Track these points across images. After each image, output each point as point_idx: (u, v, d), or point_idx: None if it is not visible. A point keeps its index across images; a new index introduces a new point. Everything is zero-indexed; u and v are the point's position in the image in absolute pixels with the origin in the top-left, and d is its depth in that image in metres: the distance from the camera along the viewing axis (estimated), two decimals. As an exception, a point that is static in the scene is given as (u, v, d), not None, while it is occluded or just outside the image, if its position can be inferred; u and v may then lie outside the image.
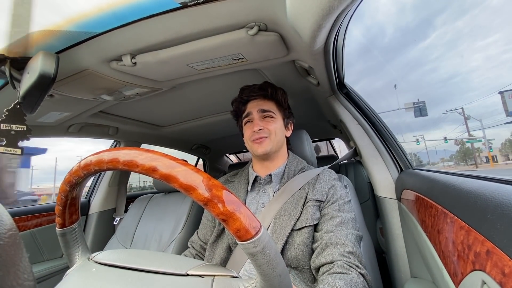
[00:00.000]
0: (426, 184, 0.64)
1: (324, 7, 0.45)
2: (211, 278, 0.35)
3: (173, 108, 1.30)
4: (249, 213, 0.30)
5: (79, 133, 1.27)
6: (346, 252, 0.59)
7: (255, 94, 0.83)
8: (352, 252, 0.59)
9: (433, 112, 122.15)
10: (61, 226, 0.42)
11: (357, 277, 0.54)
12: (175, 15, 0.59)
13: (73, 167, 0.37)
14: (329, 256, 0.59)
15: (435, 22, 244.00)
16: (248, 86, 0.85)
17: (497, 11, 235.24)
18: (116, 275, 0.37)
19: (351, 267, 0.56)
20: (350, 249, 0.60)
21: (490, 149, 15.31)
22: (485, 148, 14.94)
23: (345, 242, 0.61)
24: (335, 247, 0.60)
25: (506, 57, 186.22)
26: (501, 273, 0.30)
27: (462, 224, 0.41)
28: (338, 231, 0.64)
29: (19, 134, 0.67)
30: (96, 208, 1.61)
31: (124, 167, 0.32)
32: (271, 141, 0.79)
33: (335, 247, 0.60)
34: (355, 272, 0.55)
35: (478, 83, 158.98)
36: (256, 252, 0.29)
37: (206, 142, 2.18)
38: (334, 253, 0.59)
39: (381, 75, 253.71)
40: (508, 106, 11.57)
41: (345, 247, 0.60)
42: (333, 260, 0.58)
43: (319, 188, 0.74)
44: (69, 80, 0.78)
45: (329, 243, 0.62)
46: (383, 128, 1.01)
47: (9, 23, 0.56)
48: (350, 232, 0.64)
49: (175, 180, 0.29)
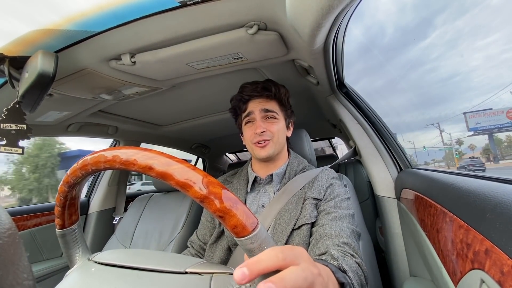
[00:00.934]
0: (426, 183, 0.64)
1: (324, 6, 0.45)
2: (210, 275, 0.35)
3: (173, 107, 1.30)
4: (246, 210, 0.30)
5: (78, 132, 1.27)
6: (340, 243, 0.57)
7: (257, 93, 0.79)
8: (346, 243, 0.57)
9: (429, 116, 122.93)
10: (60, 227, 0.42)
11: (352, 262, 0.52)
12: (175, 14, 0.58)
13: (71, 168, 0.37)
14: (323, 247, 0.57)
15: (435, 22, 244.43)
16: (249, 83, 0.81)
17: (497, 10, 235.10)
18: (116, 274, 0.37)
19: (346, 255, 0.54)
20: (344, 240, 0.57)
21: (456, 155, 23.87)
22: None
23: (340, 233, 0.59)
24: (329, 238, 0.58)
25: (506, 56, 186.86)
26: (499, 272, 0.30)
27: (461, 223, 0.41)
28: (333, 224, 0.62)
29: (19, 134, 0.66)
30: (95, 208, 1.61)
31: (121, 166, 0.32)
32: (274, 143, 0.76)
33: (329, 238, 0.59)
34: (351, 259, 0.53)
35: (477, 83, 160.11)
36: (253, 248, 0.30)
37: (206, 141, 2.18)
38: (329, 243, 0.57)
39: (381, 74, 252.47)
40: (469, 124, 17.70)
41: (340, 238, 0.58)
42: (327, 250, 0.55)
43: (317, 186, 0.73)
44: (68, 79, 0.77)
45: (323, 234, 0.60)
46: (382, 128, 1.01)
47: (8, 22, 0.56)
48: (346, 225, 0.62)
49: (171, 178, 0.29)
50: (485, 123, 17.68)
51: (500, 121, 17.52)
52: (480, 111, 18.45)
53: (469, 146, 26.45)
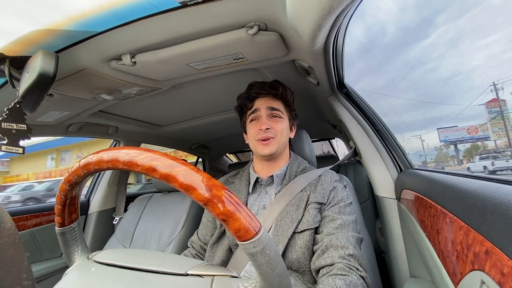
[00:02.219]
0: (426, 184, 0.64)
1: (324, 6, 0.45)
2: (211, 278, 0.35)
3: (173, 108, 1.30)
4: (249, 213, 0.30)
5: (78, 133, 1.27)
6: (346, 255, 0.59)
7: (265, 92, 0.80)
8: (352, 255, 0.59)
9: (425, 118, 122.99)
10: (60, 225, 0.42)
11: (357, 279, 0.54)
12: (175, 15, 0.59)
13: (73, 166, 0.37)
14: (329, 259, 0.59)
15: (436, 21, 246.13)
16: (257, 82, 0.83)
17: (499, 9, 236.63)
18: (116, 274, 0.37)
19: (351, 269, 0.56)
20: (350, 251, 0.60)
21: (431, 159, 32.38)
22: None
23: (346, 244, 0.61)
24: (335, 250, 0.60)
25: (507, 56, 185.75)
26: (500, 273, 0.30)
27: (461, 224, 0.41)
28: (339, 234, 0.63)
29: (20, 133, 0.67)
30: (95, 208, 1.61)
31: (124, 166, 0.32)
32: (277, 142, 0.77)
33: (335, 249, 0.60)
34: (355, 274, 0.55)
35: (479, 82, 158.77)
36: (256, 252, 0.29)
37: (206, 141, 2.18)
38: (335, 255, 0.59)
39: (381, 74, 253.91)
40: (440, 137, 24.72)
41: (346, 250, 0.60)
42: (333, 262, 0.58)
43: (321, 190, 0.73)
44: (68, 80, 0.77)
45: (329, 245, 0.62)
46: (382, 128, 1.01)
47: (8, 22, 0.56)
48: (351, 234, 0.64)
49: (175, 180, 0.29)
50: (452, 136, 24.78)
51: (462, 135, 25.00)
52: (449, 127, 26.02)
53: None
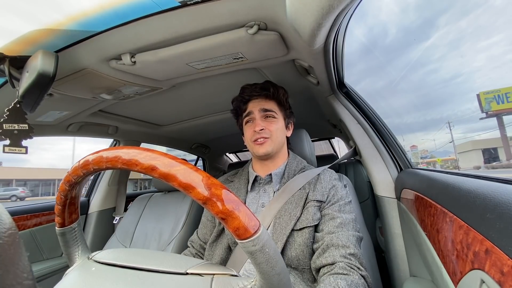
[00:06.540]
0: (426, 183, 0.64)
1: (324, 6, 0.45)
2: (211, 276, 0.35)
3: (173, 107, 1.30)
4: (248, 212, 0.30)
5: (78, 132, 1.27)
6: (347, 254, 0.59)
7: (256, 93, 0.82)
8: (353, 254, 0.60)
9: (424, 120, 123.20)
10: (60, 226, 0.42)
11: (358, 279, 0.54)
12: (175, 14, 0.58)
13: (73, 166, 0.37)
14: (330, 258, 0.59)
15: (438, 22, 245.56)
16: (249, 85, 0.84)
17: (500, 11, 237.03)
18: (116, 274, 0.37)
19: (352, 268, 0.57)
20: (351, 250, 0.60)
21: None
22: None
23: (347, 243, 0.61)
24: (336, 249, 0.60)
25: (508, 57, 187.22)
26: (499, 272, 0.30)
27: (461, 223, 0.41)
28: (339, 233, 0.64)
29: (22, 133, 0.67)
30: (95, 207, 1.61)
31: (124, 166, 0.32)
32: (273, 141, 0.78)
33: (336, 248, 0.61)
34: (356, 273, 0.56)
35: (480, 84, 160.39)
36: (255, 251, 0.30)
37: (206, 141, 2.18)
38: (336, 254, 0.59)
39: (382, 75, 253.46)
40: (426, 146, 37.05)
41: (347, 249, 0.60)
42: (334, 261, 0.58)
43: (320, 188, 0.74)
44: (68, 79, 0.77)
45: (330, 244, 0.62)
46: (382, 128, 1.01)
47: (8, 22, 0.56)
48: (351, 233, 0.64)
49: (174, 179, 0.29)
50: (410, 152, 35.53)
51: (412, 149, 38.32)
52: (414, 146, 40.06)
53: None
